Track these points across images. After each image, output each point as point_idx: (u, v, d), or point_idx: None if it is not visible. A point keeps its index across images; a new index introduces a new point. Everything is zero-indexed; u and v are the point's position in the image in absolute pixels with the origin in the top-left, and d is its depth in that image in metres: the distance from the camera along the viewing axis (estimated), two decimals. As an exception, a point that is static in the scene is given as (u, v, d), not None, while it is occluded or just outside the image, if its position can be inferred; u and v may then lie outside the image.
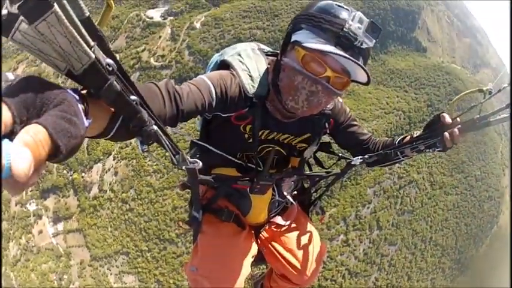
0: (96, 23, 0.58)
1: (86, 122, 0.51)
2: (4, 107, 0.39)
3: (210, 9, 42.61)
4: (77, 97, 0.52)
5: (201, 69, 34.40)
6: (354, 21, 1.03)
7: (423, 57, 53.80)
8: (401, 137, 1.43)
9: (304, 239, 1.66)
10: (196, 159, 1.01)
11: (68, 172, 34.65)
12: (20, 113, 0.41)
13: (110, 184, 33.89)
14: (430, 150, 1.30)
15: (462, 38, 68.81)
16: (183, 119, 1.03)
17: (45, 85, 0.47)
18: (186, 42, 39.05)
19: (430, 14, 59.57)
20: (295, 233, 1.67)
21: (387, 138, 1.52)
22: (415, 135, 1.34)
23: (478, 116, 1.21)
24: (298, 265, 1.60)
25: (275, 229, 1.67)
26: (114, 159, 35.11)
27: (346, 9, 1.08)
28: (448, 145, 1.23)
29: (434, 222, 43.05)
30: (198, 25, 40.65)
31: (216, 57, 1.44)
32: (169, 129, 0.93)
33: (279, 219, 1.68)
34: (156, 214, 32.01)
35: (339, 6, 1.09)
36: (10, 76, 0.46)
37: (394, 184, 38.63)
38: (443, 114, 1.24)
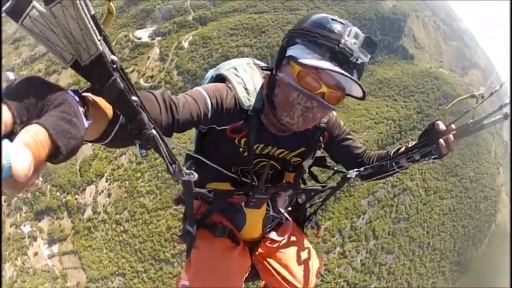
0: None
1: (86, 124, 0.51)
2: (4, 107, 0.39)
3: (198, 29, 42.95)
4: (77, 99, 0.52)
5: (189, 89, 34.43)
6: (350, 36, 1.03)
7: (411, 65, 54.23)
8: (396, 148, 1.42)
9: (300, 255, 1.64)
10: (192, 171, 1.00)
11: (61, 194, 34.65)
12: (20, 113, 0.41)
13: (103, 206, 33.89)
14: (426, 158, 1.29)
15: (449, 42, 69.35)
16: (178, 128, 1.03)
17: (46, 86, 0.47)
18: (175, 62, 39.28)
19: (415, 20, 60.16)
20: (291, 249, 1.65)
21: (382, 151, 1.51)
22: (409, 145, 1.34)
23: (471, 120, 1.22)
24: (293, 281, 1.58)
25: (270, 245, 1.64)
26: (106, 181, 35.15)
27: (342, 23, 1.07)
28: (444, 152, 1.23)
29: (430, 227, 43.09)
30: (186, 44, 40.93)
31: (211, 72, 1.44)
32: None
33: (273, 235, 1.65)
34: (150, 235, 31.94)
35: (333, 20, 1.08)
36: (11, 76, 0.46)
37: (388, 193, 38.74)
38: (437, 122, 1.25)
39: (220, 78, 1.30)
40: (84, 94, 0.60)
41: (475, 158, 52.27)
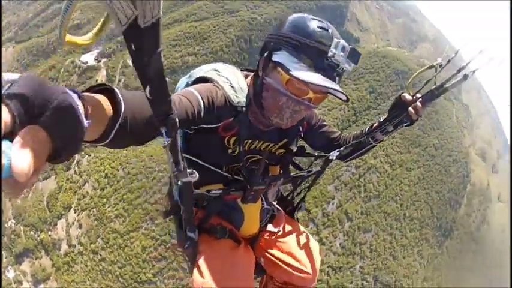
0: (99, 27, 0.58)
1: (86, 123, 0.51)
2: (4, 108, 0.39)
3: (141, 44, 42.62)
4: (77, 99, 0.52)
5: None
6: (338, 49, 1.08)
7: (357, 47, 53.88)
8: (370, 124, 1.53)
9: (299, 240, 1.68)
10: (193, 170, 0.99)
11: (35, 233, 33.77)
12: (20, 113, 0.41)
13: (77, 237, 33.40)
14: (399, 127, 1.40)
15: (394, 20, 70.89)
16: None
17: (46, 86, 0.47)
18: (123, 82, 38.89)
19: (358, 4, 61.26)
20: (289, 237, 1.68)
21: (356, 132, 1.60)
22: (381, 120, 1.46)
23: (434, 86, 1.32)
24: (299, 266, 1.60)
25: (268, 237, 1.67)
26: (75, 212, 34.66)
27: (326, 29, 1.12)
28: (414, 118, 1.34)
29: (403, 199, 44.17)
30: (131, 62, 40.59)
31: (184, 80, 1.44)
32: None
33: (270, 227, 1.69)
34: (128, 258, 31.67)
35: (318, 27, 1.12)
36: (10, 76, 0.46)
37: (353, 175, 39.57)
38: (404, 93, 1.37)
39: (201, 81, 1.31)
40: (83, 94, 0.59)
41: (436, 126, 53.88)
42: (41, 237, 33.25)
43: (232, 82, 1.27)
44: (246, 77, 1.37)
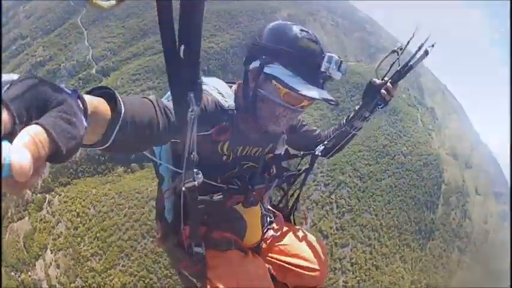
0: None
1: (85, 123, 0.52)
2: (4, 108, 0.40)
3: (102, 81, 42.59)
4: (77, 99, 0.53)
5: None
6: (331, 63, 1.13)
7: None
8: (347, 116, 1.62)
9: (298, 238, 1.71)
10: (198, 170, 0.98)
11: (15, 274, 32.32)
12: (19, 113, 0.41)
13: (56, 278, 32.39)
14: (375, 110, 1.48)
15: (351, 35, 73.46)
16: (171, 133, 1.03)
17: (45, 86, 0.47)
18: (84, 122, 38.57)
19: (313, 23, 63.79)
20: (290, 238, 1.70)
21: (334, 126, 1.70)
22: (357, 108, 1.54)
23: (399, 67, 1.41)
24: (310, 265, 1.60)
25: (271, 243, 1.68)
26: (51, 252, 33.89)
27: (316, 42, 1.16)
28: (387, 98, 1.43)
29: (377, 210, 44.80)
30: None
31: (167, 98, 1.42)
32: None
33: (271, 233, 1.71)
34: None
35: (308, 39, 1.15)
36: (10, 77, 0.46)
37: (323, 193, 40.08)
38: (373, 79, 1.46)
39: None
40: (83, 95, 0.60)
41: (402, 134, 55.53)
42: (22, 278, 32.20)
43: (219, 89, 1.33)
44: (229, 87, 1.43)
